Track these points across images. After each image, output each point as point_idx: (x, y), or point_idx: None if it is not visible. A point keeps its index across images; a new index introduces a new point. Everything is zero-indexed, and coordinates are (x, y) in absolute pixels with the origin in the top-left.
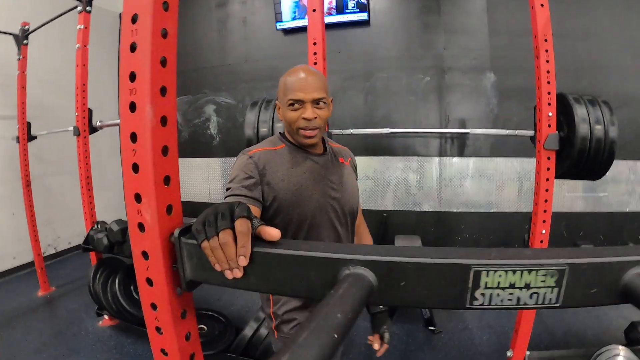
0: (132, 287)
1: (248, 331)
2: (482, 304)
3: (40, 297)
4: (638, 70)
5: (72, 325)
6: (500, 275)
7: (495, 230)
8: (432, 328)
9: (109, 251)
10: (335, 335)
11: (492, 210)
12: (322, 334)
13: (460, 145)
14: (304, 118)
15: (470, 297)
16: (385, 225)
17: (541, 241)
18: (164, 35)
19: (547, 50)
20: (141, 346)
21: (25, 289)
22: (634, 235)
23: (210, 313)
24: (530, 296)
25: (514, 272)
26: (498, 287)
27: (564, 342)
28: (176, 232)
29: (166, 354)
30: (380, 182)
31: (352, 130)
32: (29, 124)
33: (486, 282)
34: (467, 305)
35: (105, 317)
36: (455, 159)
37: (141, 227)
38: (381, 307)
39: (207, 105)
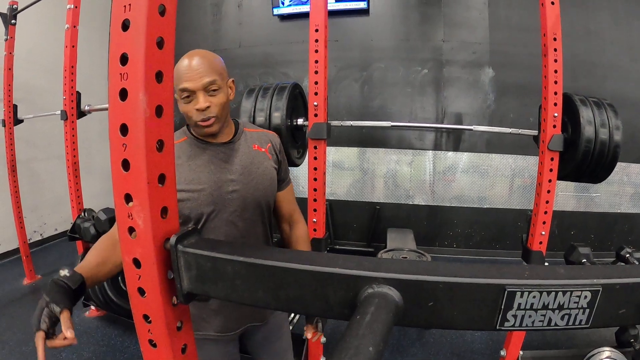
0: (119, 279)
1: None
2: (512, 325)
3: (26, 285)
4: (635, 72)
5: None
6: (534, 297)
7: (487, 225)
8: None
9: (96, 241)
10: None
11: (485, 206)
12: None
13: (455, 140)
14: (196, 109)
15: (502, 318)
16: (378, 218)
17: (540, 242)
18: (162, 12)
19: (555, 50)
20: (128, 338)
21: (11, 277)
22: (624, 236)
23: None
24: (562, 317)
25: (549, 293)
26: (531, 309)
27: (555, 342)
28: (172, 239)
29: None
30: (373, 174)
31: (352, 122)
32: (15, 107)
33: (519, 304)
34: (497, 327)
35: (92, 308)
36: (450, 154)
37: (132, 231)
38: None
39: None
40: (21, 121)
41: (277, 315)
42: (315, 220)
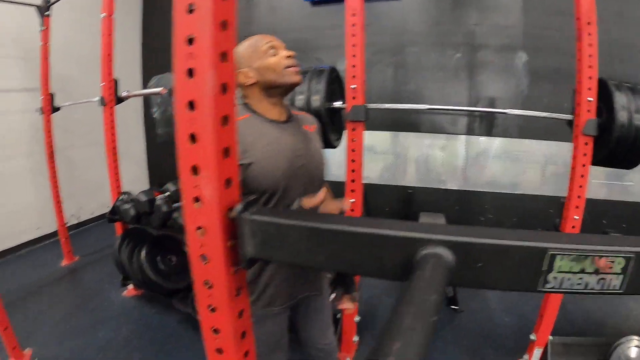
0: (157, 258)
1: None
2: (553, 287)
3: (64, 267)
4: None
5: (96, 295)
6: (573, 260)
7: (518, 211)
8: (455, 307)
9: (136, 222)
10: (435, 319)
11: (516, 192)
12: (423, 318)
13: (488, 125)
14: (287, 57)
15: (543, 280)
16: (410, 202)
17: (573, 227)
18: None
19: (590, 34)
20: (166, 317)
21: (49, 258)
22: None
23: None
24: (598, 281)
25: (586, 257)
26: (570, 272)
27: (583, 330)
28: (239, 207)
29: (218, 332)
30: (406, 158)
31: (389, 105)
32: (52, 95)
33: (560, 266)
34: (539, 288)
35: (130, 287)
36: (483, 139)
37: (197, 201)
38: None
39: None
40: (58, 109)
41: (326, 290)
42: (353, 200)
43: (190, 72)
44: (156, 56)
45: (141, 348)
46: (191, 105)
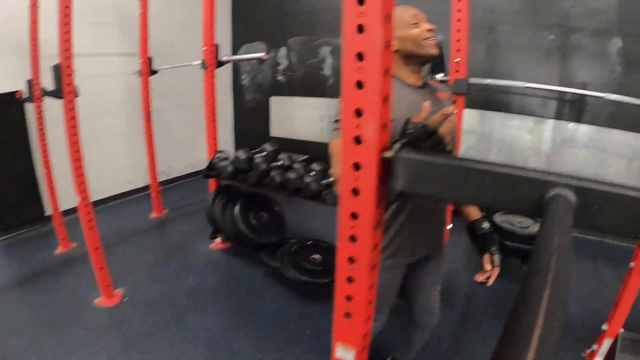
0: (250, 214)
1: None
2: None
3: (154, 219)
4: None
5: (184, 246)
6: None
7: None
8: None
9: (232, 178)
10: (570, 254)
11: None
12: (564, 251)
13: (578, 111)
14: (428, 30)
15: None
16: None
17: None
18: None
19: None
20: (252, 270)
21: (139, 211)
22: None
23: (324, 245)
24: None
25: None
26: None
27: None
28: (397, 146)
29: (353, 262)
30: (490, 138)
31: (489, 80)
32: (150, 59)
33: None
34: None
35: (217, 240)
36: (571, 125)
37: (357, 140)
38: (486, 227)
39: (323, 46)
40: (155, 72)
41: (443, 255)
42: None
43: (360, 28)
44: (244, 26)
45: (227, 296)
46: (360, 56)
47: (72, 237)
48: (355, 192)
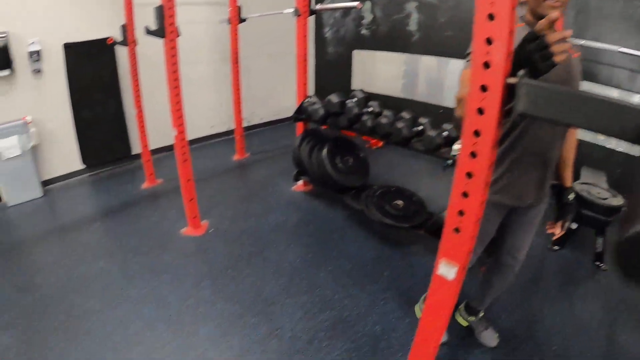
0: (337, 158)
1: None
2: None
3: (236, 161)
4: None
5: (266, 186)
6: None
7: None
8: (600, 264)
9: (322, 122)
10: None
11: None
12: None
13: None
14: None
15: None
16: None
17: None
18: None
19: None
20: (332, 211)
21: (223, 153)
22: None
23: (408, 193)
24: None
25: None
26: None
27: None
28: (521, 72)
29: (471, 177)
30: None
31: (583, 42)
32: (239, 8)
33: None
34: None
35: (300, 183)
36: None
37: (486, 65)
38: (571, 198)
39: (409, 2)
40: (244, 20)
41: (544, 207)
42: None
43: None
44: None
45: (309, 235)
46: None
47: (157, 174)
48: (480, 111)
